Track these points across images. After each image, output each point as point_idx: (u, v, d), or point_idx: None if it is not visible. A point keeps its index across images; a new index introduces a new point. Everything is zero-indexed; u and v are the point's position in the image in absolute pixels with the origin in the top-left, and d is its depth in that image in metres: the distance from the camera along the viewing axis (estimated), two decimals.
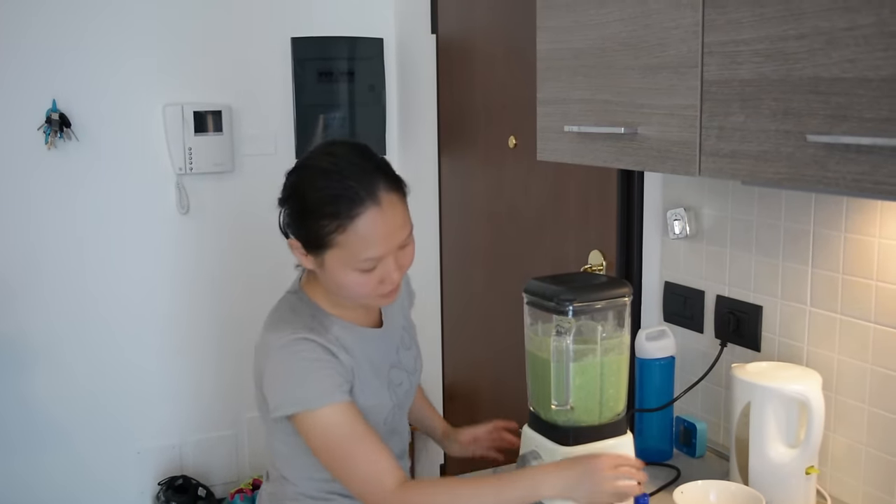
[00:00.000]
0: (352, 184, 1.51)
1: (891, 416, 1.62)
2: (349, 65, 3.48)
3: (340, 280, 1.56)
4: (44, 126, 3.06)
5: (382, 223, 1.53)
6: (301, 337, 1.56)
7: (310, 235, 1.54)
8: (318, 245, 1.53)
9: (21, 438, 3.18)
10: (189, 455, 3.47)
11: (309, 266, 1.60)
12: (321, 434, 1.54)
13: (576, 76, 1.69)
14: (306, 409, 1.54)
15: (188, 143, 3.24)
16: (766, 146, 1.27)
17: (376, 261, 1.54)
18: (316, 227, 1.52)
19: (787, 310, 1.83)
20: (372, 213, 1.51)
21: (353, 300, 1.63)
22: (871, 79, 1.10)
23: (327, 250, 1.53)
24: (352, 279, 1.55)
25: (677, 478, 1.86)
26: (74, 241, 3.18)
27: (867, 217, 1.63)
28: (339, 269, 1.54)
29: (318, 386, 1.54)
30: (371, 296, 1.59)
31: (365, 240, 1.51)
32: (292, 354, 1.56)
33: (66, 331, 3.21)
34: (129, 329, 3.31)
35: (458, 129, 3.23)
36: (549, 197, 2.68)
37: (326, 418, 1.53)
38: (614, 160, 1.61)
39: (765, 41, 1.26)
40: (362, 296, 1.59)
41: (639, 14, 1.50)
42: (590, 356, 1.66)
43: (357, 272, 1.54)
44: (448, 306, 3.39)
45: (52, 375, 3.21)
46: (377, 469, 1.53)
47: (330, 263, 1.55)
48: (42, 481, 3.23)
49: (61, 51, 3.08)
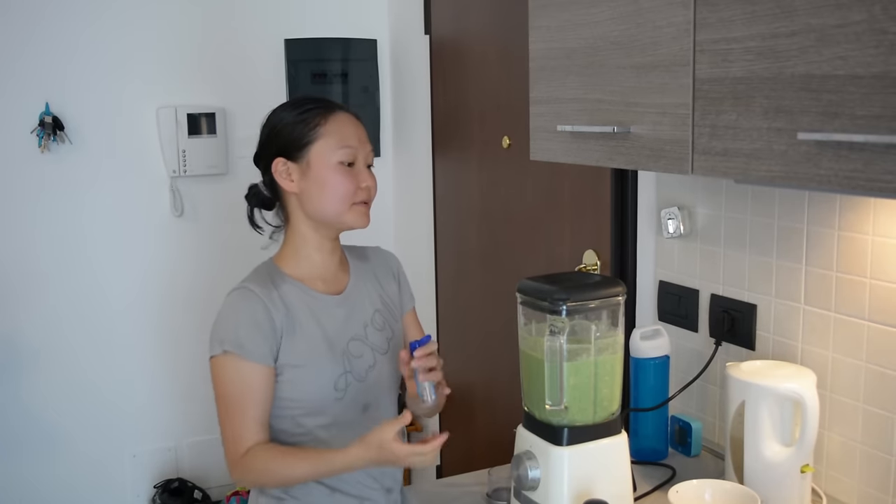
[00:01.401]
0: (322, 102, 1.78)
1: (885, 414, 1.62)
2: (343, 66, 3.48)
3: (325, 177, 1.71)
4: (37, 129, 3.06)
5: (354, 125, 1.77)
6: (243, 287, 1.72)
7: (294, 138, 1.73)
8: (303, 143, 1.72)
9: (16, 441, 3.18)
10: (185, 458, 3.46)
11: (293, 187, 1.74)
12: (218, 380, 1.70)
13: (568, 76, 1.69)
14: (222, 352, 1.68)
15: (182, 146, 3.24)
16: (759, 144, 1.27)
17: (354, 152, 1.73)
18: (300, 127, 1.73)
19: (781, 308, 1.83)
20: (343, 115, 1.77)
21: (336, 208, 1.73)
22: (863, 76, 1.10)
23: (312, 146, 1.72)
24: (335, 175, 1.71)
25: (672, 477, 1.86)
26: (69, 244, 3.18)
27: (860, 215, 1.63)
28: (323, 165, 1.72)
29: (239, 335, 1.68)
30: (350, 198, 1.73)
31: (342, 131, 1.73)
32: (232, 301, 1.72)
33: (60, 334, 3.20)
34: (124, 332, 3.30)
35: (451, 129, 3.23)
36: (543, 196, 2.68)
37: (225, 368, 1.69)
38: (607, 159, 1.61)
39: (756, 39, 1.26)
40: (344, 196, 1.72)
41: (631, 13, 1.50)
42: (584, 356, 1.66)
43: (339, 167, 1.72)
44: (442, 306, 3.39)
45: (47, 378, 3.20)
46: (242, 431, 1.67)
47: (315, 161, 1.72)
48: (38, 484, 3.22)
49: (54, 54, 3.07)
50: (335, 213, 1.74)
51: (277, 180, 1.76)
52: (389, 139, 3.65)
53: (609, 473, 1.66)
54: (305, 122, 1.73)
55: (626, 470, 1.68)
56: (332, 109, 1.76)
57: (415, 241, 3.54)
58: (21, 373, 3.16)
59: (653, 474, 1.88)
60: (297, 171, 1.74)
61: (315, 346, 1.74)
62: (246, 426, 1.67)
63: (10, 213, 3.09)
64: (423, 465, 1.60)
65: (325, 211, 1.74)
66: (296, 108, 1.76)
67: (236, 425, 1.68)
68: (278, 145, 1.75)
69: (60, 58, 3.08)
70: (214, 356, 1.70)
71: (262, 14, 3.38)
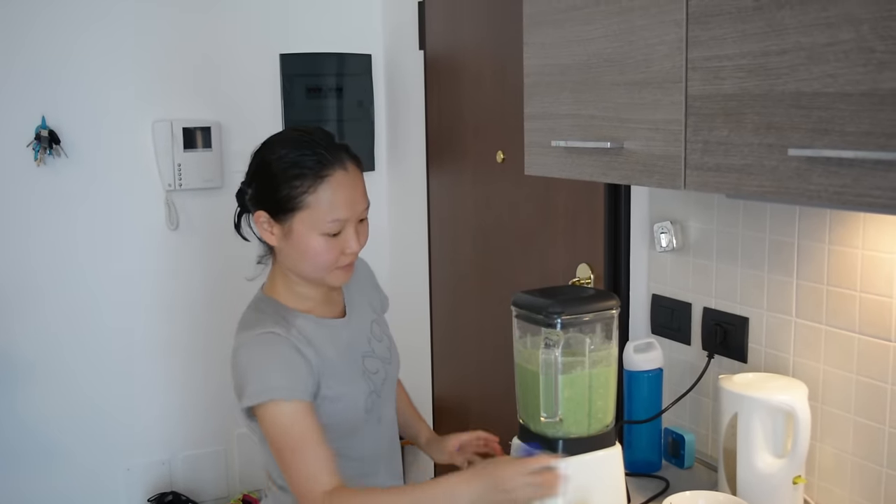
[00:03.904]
0: (321, 150, 1.63)
1: (876, 426, 1.63)
2: (337, 81, 3.50)
3: (306, 245, 1.63)
4: (33, 143, 3.06)
5: (349, 187, 1.64)
6: (268, 331, 1.63)
7: (280, 200, 1.62)
8: (288, 209, 1.62)
9: (11, 454, 3.17)
10: (179, 471, 3.45)
11: (273, 241, 1.68)
12: (275, 427, 1.59)
13: (562, 91, 1.71)
14: (270, 400, 1.58)
15: (177, 160, 3.25)
16: (750, 160, 1.29)
17: (342, 223, 1.63)
18: (287, 188, 1.61)
19: (772, 321, 1.84)
20: (339, 175, 1.63)
21: (315, 274, 1.68)
22: (851, 93, 1.12)
23: (296, 213, 1.62)
24: (317, 245, 1.63)
25: (666, 489, 1.87)
26: (64, 257, 3.18)
27: (850, 229, 1.65)
28: (305, 234, 1.63)
29: (281, 380, 1.60)
30: (332, 266, 1.66)
31: (332, 201, 1.61)
32: (260, 347, 1.63)
33: (54, 347, 3.20)
34: (119, 345, 3.30)
35: (446, 144, 3.25)
36: (537, 211, 2.70)
37: (282, 412, 1.58)
38: (601, 174, 1.63)
39: (747, 56, 1.28)
40: (325, 265, 1.66)
41: (624, 30, 1.52)
42: (578, 368, 1.67)
43: (323, 237, 1.63)
44: (437, 319, 3.40)
45: (41, 391, 3.20)
46: (315, 470, 1.57)
47: (297, 228, 1.63)
48: (32, 497, 3.21)
49: (50, 67, 3.08)
50: (314, 276, 1.69)
51: (258, 230, 1.69)
52: (384, 154, 3.67)
53: (603, 485, 1.67)
54: (292, 185, 1.61)
55: (620, 481, 1.70)
56: (326, 172, 1.61)
57: (409, 255, 3.55)
58: (16, 386, 3.16)
59: (646, 486, 1.89)
60: (279, 231, 1.65)
61: (343, 373, 1.71)
62: (318, 465, 1.57)
63: (5, 227, 3.09)
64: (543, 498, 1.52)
65: (303, 273, 1.69)
66: (286, 159, 1.62)
67: (309, 465, 1.58)
68: (261, 198, 1.66)
69: (57, 71, 3.09)
70: (260, 405, 1.60)
71: (258, 29, 3.40)
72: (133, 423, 3.36)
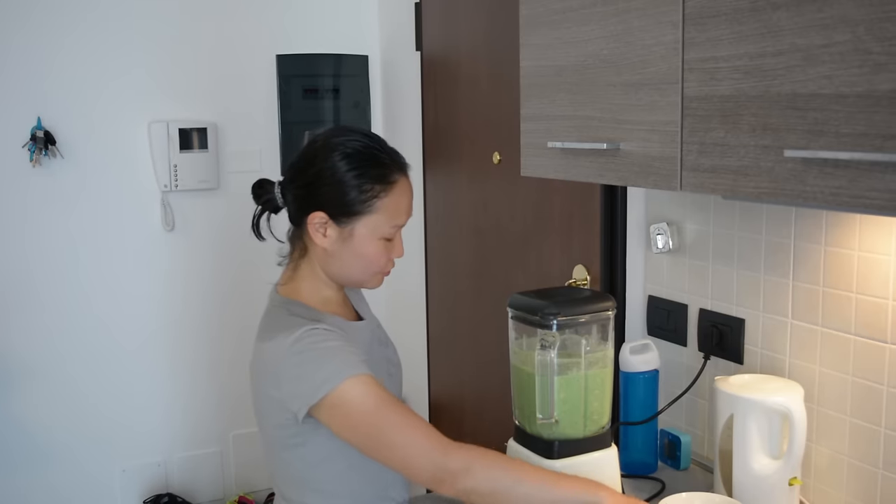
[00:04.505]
0: (386, 155, 1.63)
1: (872, 427, 1.63)
2: (334, 82, 3.50)
3: (365, 250, 1.61)
4: (28, 143, 3.06)
5: (410, 193, 1.66)
6: (309, 328, 1.55)
7: (347, 203, 1.59)
8: (354, 212, 1.59)
9: (7, 455, 3.16)
10: (174, 472, 3.45)
11: (325, 244, 1.61)
12: (351, 410, 1.49)
13: (559, 93, 1.71)
14: (331, 389, 1.48)
15: (173, 161, 3.25)
16: (746, 161, 1.29)
17: (399, 229, 1.65)
18: (357, 192, 1.58)
19: (769, 323, 1.84)
20: (404, 181, 1.64)
21: (361, 277, 1.66)
22: (847, 95, 1.12)
23: (362, 217, 1.60)
24: (374, 249, 1.62)
25: (662, 490, 1.87)
26: (60, 258, 3.18)
27: (846, 230, 1.65)
28: (367, 238, 1.61)
29: (338, 364, 1.51)
30: (379, 272, 1.67)
31: (398, 206, 1.62)
32: (307, 346, 1.53)
33: (49, 348, 3.20)
34: (114, 346, 3.30)
35: (442, 145, 3.25)
36: (534, 212, 2.70)
37: (353, 390, 1.48)
38: (597, 175, 1.63)
39: (743, 58, 1.28)
40: (376, 270, 1.65)
41: (620, 32, 1.52)
42: (574, 370, 1.67)
43: (381, 242, 1.62)
44: (433, 321, 3.40)
45: (35, 393, 3.19)
46: (430, 433, 1.47)
47: (360, 232, 1.60)
48: (27, 498, 3.20)
49: (46, 68, 3.08)
50: (358, 280, 1.67)
51: (309, 231, 1.62)
52: None
53: None
54: (363, 190, 1.58)
55: (616, 483, 1.70)
56: (395, 177, 1.61)
57: (406, 257, 3.53)
58: (11, 387, 3.15)
59: (642, 487, 1.89)
60: (336, 233, 1.61)
61: (376, 373, 1.60)
62: (429, 426, 1.48)
63: (1, 228, 3.08)
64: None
65: (348, 276, 1.66)
66: (357, 165, 1.59)
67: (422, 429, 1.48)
68: (323, 200, 1.60)
69: (52, 72, 3.09)
70: (333, 391, 1.48)
71: (254, 30, 3.40)
72: (128, 424, 3.36)
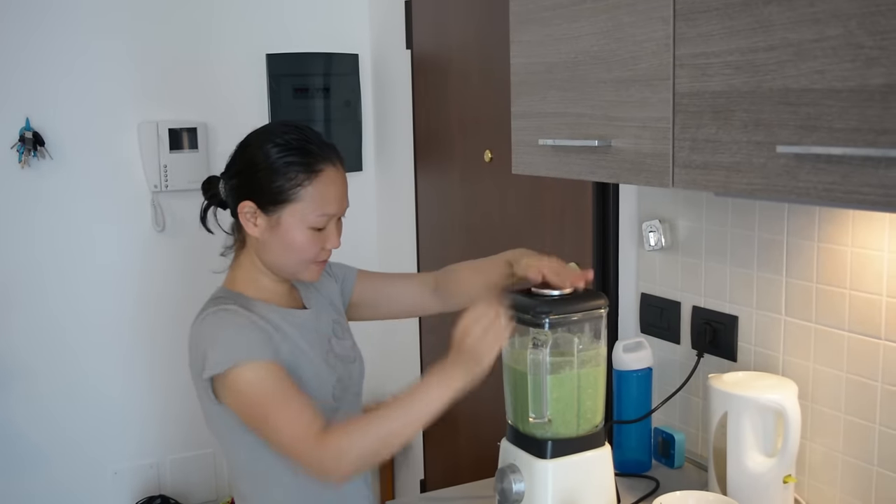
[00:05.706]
0: (315, 145, 1.65)
1: (866, 424, 1.63)
2: (325, 81, 3.48)
3: (292, 238, 1.64)
4: (17, 145, 3.04)
5: (339, 184, 1.67)
6: (222, 307, 1.64)
7: (272, 191, 1.62)
8: (280, 200, 1.62)
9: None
10: (167, 474, 3.43)
11: (255, 233, 1.66)
12: (245, 391, 1.57)
13: (549, 90, 1.70)
14: (232, 366, 1.56)
15: (163, 161, 3.23)
16: (738, 157, 1.28)
17: (328, 219, 1.65)
18: (282, 180, 1.61)
19: (762, 320, 1.84)
20: (332, 171, 1.65)
21: (293, 267, 1.68)
22: (840, 89, 1.11)
23: (288, 205, 1.62)
24: (303, 237, 1.64)
25: (656, 489, 1.86)
26: (49, 259, 3.16)
27: (839, 226, 1.64)
28: (294, 226, 1.63)
29: (242, 344, 1.58)
30: (310, 261, 1.67)
31: (324, 195, 1.63)
32: (217, 320, 1.63)
33: (41, 350, 3.18)
34: (104, 347, 3.28)
35: (433, 143, 3.24)
36: (525, 210, 2.69)
37: (251, 374, 1.56)
38: (589, 173, 1.62)
39: (735, 53, 1.27)
40: (305, 259, 1.67)
41: (611, 28, 1.51)
42: (567, 368, 1.67)
43: (309, 231, 1.64)
44: (426, 318, 3.38)
45: (26, 395, 3.17)
46: (299, 416, 1.54)
47: (286, 220, 1.63)
48: (17, 501, 3.18)
49: (35, 69, 3.06)
50: (291, 270, 1.69)
51: (241, 220, 1.67)
52: (371, 153, 3.65)
53: (593, 486, 1.66)
54: (287, 177, 1.61)
55: (609, 482, 1.69)
56: (321, 166, 1.63)
57: (397, 255, 3.54)
58: (0, 389, 3.14)
59: (636, 486, 1.89)
60: (265, 222, 1.64)
61: (311, 357, 1.69)
62: (301, 412, 1.54)
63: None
64: (496, 339, 1.57)
65: (280, 265, 1.68)
66: (282, 152, 1.62)
67: (292, 414, 1.54)
68: (251, 188, 1.64)
69: (41, 73, 3.07)
70: (223, 373, 1.57)
71: (244, 29, 3.38)
72: (120, 426, 3.34)
